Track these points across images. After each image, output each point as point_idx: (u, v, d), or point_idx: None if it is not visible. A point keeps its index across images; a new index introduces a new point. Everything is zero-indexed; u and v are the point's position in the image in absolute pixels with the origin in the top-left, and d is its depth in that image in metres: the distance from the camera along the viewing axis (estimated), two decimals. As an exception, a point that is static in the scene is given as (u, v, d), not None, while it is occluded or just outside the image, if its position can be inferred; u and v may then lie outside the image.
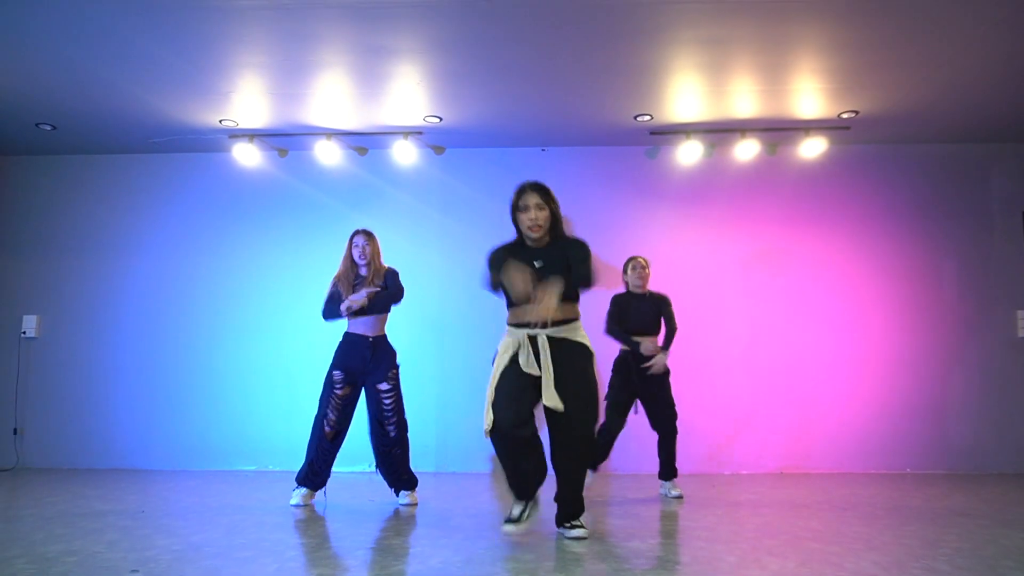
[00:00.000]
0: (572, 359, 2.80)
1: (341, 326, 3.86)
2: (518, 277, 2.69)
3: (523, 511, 2.84)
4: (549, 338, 2.78)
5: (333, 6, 3.57)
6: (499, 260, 2.84)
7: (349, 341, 3.81)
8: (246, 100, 4.72)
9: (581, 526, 2.90)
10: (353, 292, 3.73)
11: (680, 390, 4.23)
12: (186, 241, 5.60)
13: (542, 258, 2.85)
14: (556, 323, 2.80)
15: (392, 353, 3.85)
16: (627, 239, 5.38)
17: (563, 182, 5.62)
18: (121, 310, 5.55)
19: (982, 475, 5.04)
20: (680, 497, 4.00)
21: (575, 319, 2.89)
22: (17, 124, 5.05)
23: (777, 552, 2.69)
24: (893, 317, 5.37)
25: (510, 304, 2.89)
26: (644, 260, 4.23)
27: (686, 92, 4.63)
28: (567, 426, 2.78)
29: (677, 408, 4.14)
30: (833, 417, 5.28)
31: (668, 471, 4.11)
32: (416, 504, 3.80)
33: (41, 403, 5.47)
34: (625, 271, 4.25)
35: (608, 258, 5.33)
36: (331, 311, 3.79)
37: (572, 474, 2.87)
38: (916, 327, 5.36)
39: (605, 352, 3.93)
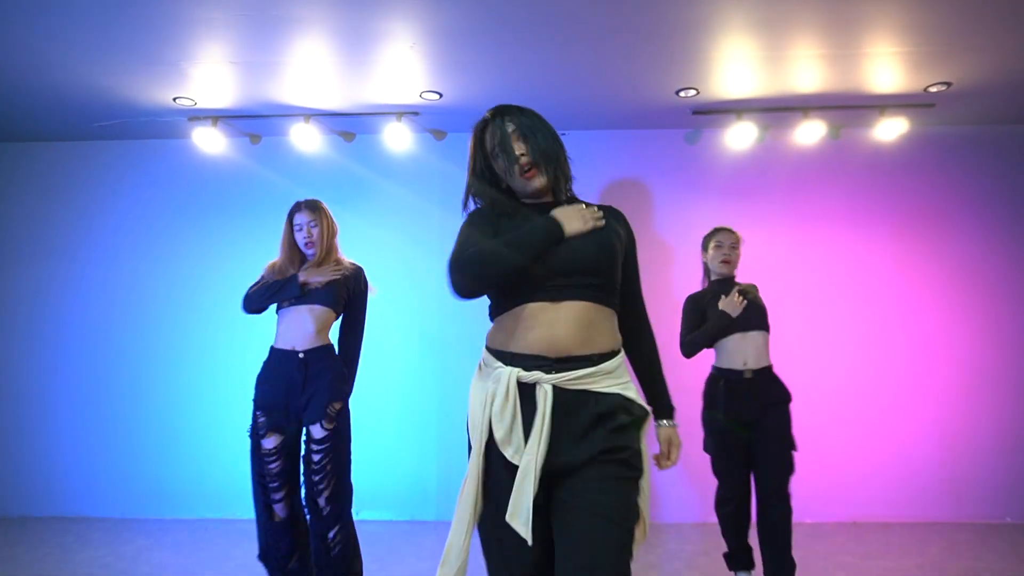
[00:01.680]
0: (594, 434, 1.46)
1: None
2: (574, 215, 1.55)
3: None
4: (558, 389, 1.47)
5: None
6: (489, 220, 1.63)
7: (272, 362, 2.67)
8: (204, 71, 3.85)
9: None
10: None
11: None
12: (140, 244, 4.75)
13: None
14: (571, 360, 1.48)
15: (336, 374, 2.63)
16: (663, 240, 4.53)
17: (588, 172, 4.88)
18: (63, 325, 4.71)
19: (1105, 527, 4.13)
20: None
21: (612, 353, 1.54)
22: (-69, 104, 4.21)
23: None
24: (985, 332, 4.48)
25: (499, 308, 1.59)
26: (736, 234, 2.98)
27: (737, 58, 3.75)
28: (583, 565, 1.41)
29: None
30: (915, 453, 4.38)
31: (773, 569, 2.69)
32: None
33: (-33, 438, 4.62)
34: (705, 248, 3.00)
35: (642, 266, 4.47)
36: (257, 298, 2.69)
37: None
38: (1014, 343, 4.46)
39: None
